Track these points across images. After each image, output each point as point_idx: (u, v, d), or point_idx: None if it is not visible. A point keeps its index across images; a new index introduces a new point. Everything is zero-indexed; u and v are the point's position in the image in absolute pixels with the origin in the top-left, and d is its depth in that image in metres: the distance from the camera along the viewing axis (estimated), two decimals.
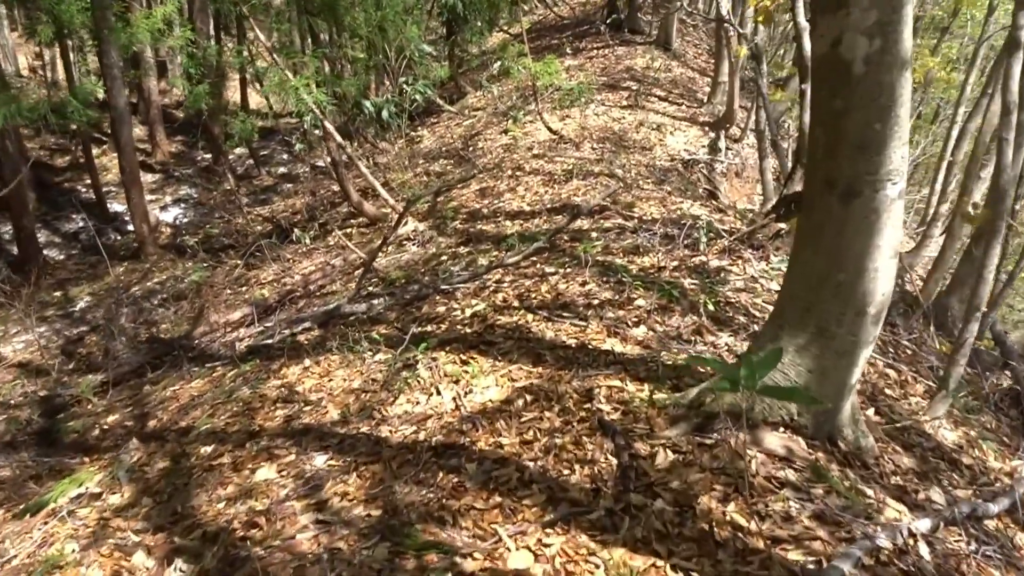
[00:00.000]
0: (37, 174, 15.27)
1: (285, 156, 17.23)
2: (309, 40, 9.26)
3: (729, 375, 2.18)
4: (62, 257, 13.65)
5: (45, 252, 13.03)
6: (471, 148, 11.38)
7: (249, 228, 12.17)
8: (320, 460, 3.25)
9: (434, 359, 4.06)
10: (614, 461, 2.74)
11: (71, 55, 14.23)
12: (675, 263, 5.05)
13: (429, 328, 4.66)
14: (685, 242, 5.41)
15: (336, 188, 12.69)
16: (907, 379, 4.28)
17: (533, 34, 17.58)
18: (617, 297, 4.50)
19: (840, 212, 2.64)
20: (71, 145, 17.08)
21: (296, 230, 9.22)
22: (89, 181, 14.97)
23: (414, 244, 7.59)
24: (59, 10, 10.96)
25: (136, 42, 11.33)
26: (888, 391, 3.99)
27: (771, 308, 4.53)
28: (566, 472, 2.71)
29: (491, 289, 5.10)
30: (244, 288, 8.98)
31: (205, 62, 11.85)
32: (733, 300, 4.53)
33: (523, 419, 3.16)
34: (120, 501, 3.48)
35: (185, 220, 14.80)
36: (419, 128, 14.41)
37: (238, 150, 17.14)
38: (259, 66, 7.54)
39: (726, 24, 10.00)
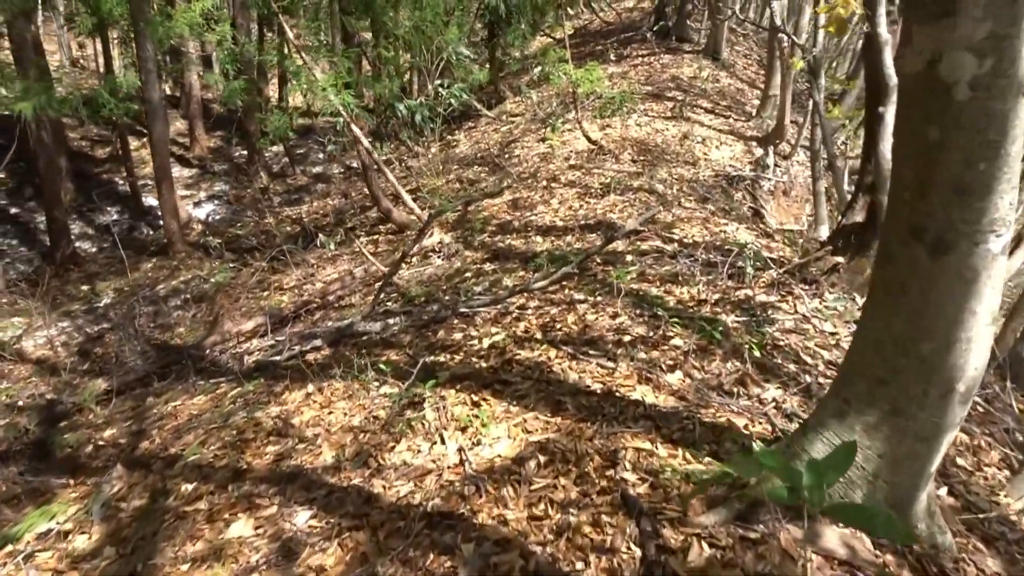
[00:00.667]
0: (76, 165, 15.29)
1: (321, 155, 17.04)
2: (341, 39, 8.96)
3: (787, 475, 1.72)
4: (94, 250, 13.59)
5: (77, 244, 12.97)
6: (506, 155, 10.98)
7: (278, 229, 11.93)
8: (302, 518, 2.85)
9: (443, 398, 3.64)
10: (637, 552, 2.29)
11: (112, 47, 14.17)
12: (717, 296, 4.57)
13: (442, 358, 4.25)
14: (729, 272, 4.92)
15: (367, 191, 12.46)
16: (980, 444, 3.74)
17: (577, 39, 17.14)
18: (651, 334, 4.04)
19: (929, 267, 2.15)
20: (112, 137, 17.12)
21: (320, 236, 8.90)
22: (126, 174, 14.94)
23: (439, 256, 7.20)
24: (98, 1, 10.85)
25: (174, 35, 11.16)
26: (960, 460, 3.46)
27: (824, 354, 4.03)
28: (579, 564, 2.27)
29: (513, 316, 4.68)
30: (265, 293, 8.69)
31: (242, 58, 11.65)
32: (782, 343, 4.04)
33: (534, 486, 2.72)
34: (85, 545, 3.13)
35: (218, 217, 14.67)
36: (456, 132, 14.07)
37: (275, 148, 17.02)
38: (292, 64, 7.24)
39: (779, 34, 9.44)
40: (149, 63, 10.95)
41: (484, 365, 3.98)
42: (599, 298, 4.68)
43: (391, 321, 5.26)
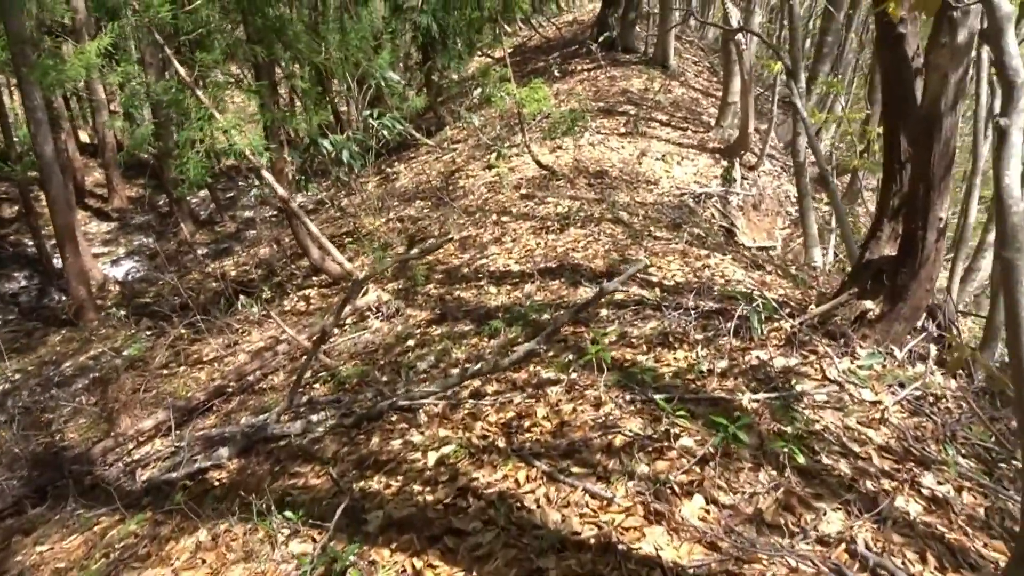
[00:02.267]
0: None
1: (253, 198, 15.80)
2: (253, 73, 7.89)
3: None
4: None
5: None
6: (450, 187, 9.97)
7: (202, 287, 10.71)
8: None
9: (372, 563, 2.57)
10: None
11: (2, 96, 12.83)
12: (723, 363, 3.59)
13: (375, 483, 3.18)
14: (730, 324, 3.95)
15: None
16: None
17: (517, 57, 16.27)
18: (651, 432, 3.04)
19: None
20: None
21: (242, 297, 7.75)
22: (32, 235, 13.51)
23: (377, 317, 6.13)
24: None
25: (67, 80, 9.91)
26: None
27: (874, 437, 3.08)
28: None
29: (467, 410, 3.63)
30: (181, 368, 7.49)
31: (151, 99, 10.43)
32: (818, 426, 3.07)
33: None
34: None
35: (138, 275, 13.30)
36: (395, 164, 13.03)
37: (203, 192, 15.74)
38: (187, 102, 6.16)
39: (736, 36, 8.64)
40: (39, 113, 9.69)
41: (431, 499, 2.91)
42: (575, 376, 3.67)
43: (314, 418, 4.17)
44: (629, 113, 10.87)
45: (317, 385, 5.04)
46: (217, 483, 3.94)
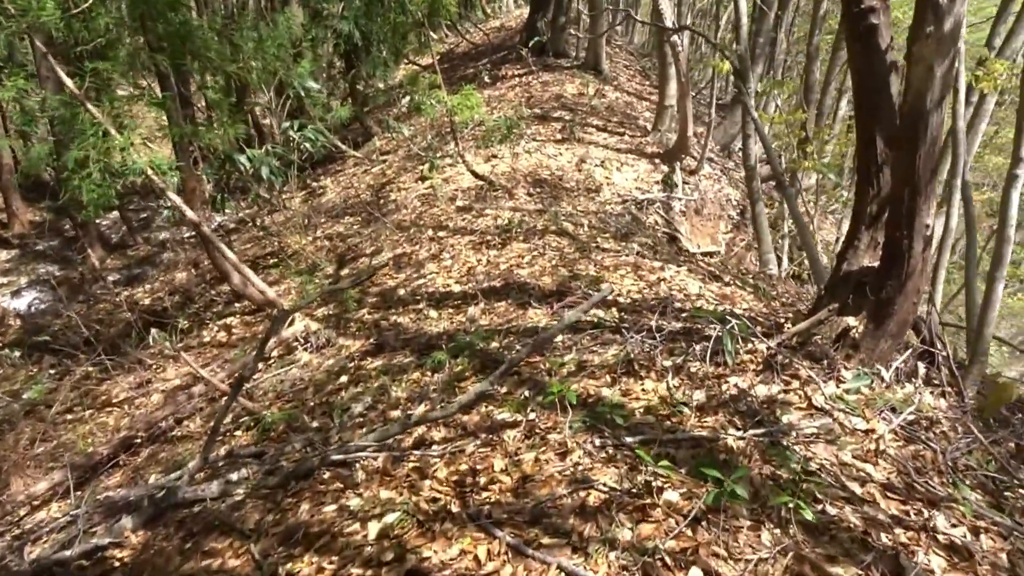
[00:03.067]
0: None
1: (166, 219, 14.82)
2: (159, 84, 7.21)
3: None
4: None
5: None
6: (381, 201, 9.44)
7: (113, 318, 9.85)
8: None
9: None
10: None
11: None
12: (699, 394, 3.21)
13: (303, 567, 2.66)
14: (698, 347, 3.58)
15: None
16: None
17: (445, 64, 15.81)
18: (629, 485, 2.62)
19: None
20: None
21: (153, 331, 7.03)
22: None
23: (306, 349, 5.56)
24: None
25: None
26: None
27: (873, 473, 2.74)
28: None
29: (412, 464, 3.13)
30: (88, 413, 6.73)
31: (46, 115, 9.53)
32: (814, 466, 2.71)
33: None
34: None
35: (42, 307, 12.23)
36: (321, 178, 12.39)
37: (114, 213, 14.68)
38: (75, 117, 5.47)
39: (673, 37, 8.37)
40: None
41: None
42: (534, 416, 3.22)
43: (234, 477, 3.60)
44: (564, 119, 10.54)
45: (238, 433, 4.45)
46: (118, 563, 3.33)
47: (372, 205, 9.29)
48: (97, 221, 14.40)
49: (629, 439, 2.86)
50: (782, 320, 3.90)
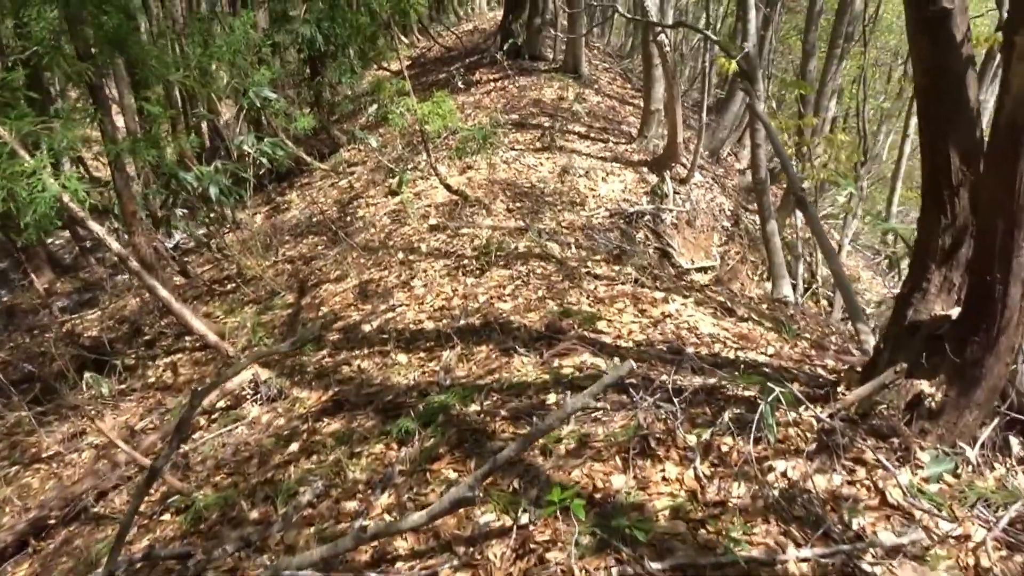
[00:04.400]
0: None
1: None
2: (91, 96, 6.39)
3: None
4: None
5: None
6: (348, 218, 8.67)
7: (58, 350, 8.96)
8: None
9: None
10: None
11: None
12: (738, 486, 2.50)
13: None
14: (727, 414, 2.87)
15: (180, 280, 9.72)
16: None
17: (416, 69, 15.06)
18: None
19: None
20: None
21: (87, 375, 6.22)
22: None
23: (255, 401, 4.78)
24: None
25: None
26: None
27: None
28: None
29: None
30: (13, 470, 5.89)
31: None
32: None
33: None
34: None
35: None
36: (286, 192, 11.56)
37: (67, 232, 13.73)
38: None
39: (657, 32, 7.68)
40: None
41: None
42: (526, 521, 2.49)
43: None
44: (544, 126, 9.84)
45: (166, 517, 3.68)
46: None
47: (338, 223, 8.52)
48: (49, 240, 13.52)
49: (656, 566, 2.14)
50: (817, 367, 3.21)
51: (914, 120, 10.19)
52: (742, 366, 3.48)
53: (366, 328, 5.41)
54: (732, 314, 4.56)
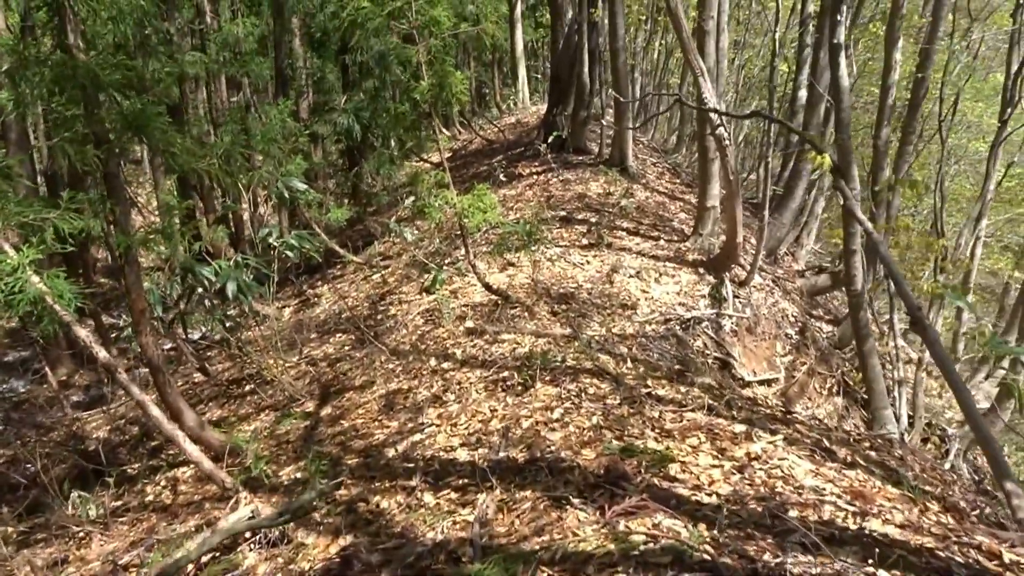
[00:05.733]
0: None
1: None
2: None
3: None
4: None
5: None
6: (378, 316, 8.05)
7: (54, 455, 8.33)
8: None
9: None
10: None
11: None
12: None
13: None
14: None
15: (199, 377, 9.13)
16: None
17: (457, 161, 14.78)
18: None
19: None
20: None
21: (74, 494, 5.54)
22: None
23: (252, 547, 4.00)
24: None
25: None
26: None
27: None
28: None
29: None
30: None
31: None
32: None
33: None
34: None
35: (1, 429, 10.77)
36: (318, 284, 11.07)
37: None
38: None
39: (716, 124, 7.11)
40: None
41: None
42: None
43: None
44: (590, 221, 9.25)
45: None
46: None
47: (368, 321, 7.90)
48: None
49: None
50: (968, 547, 2.36)
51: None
52: (870, 543, 2.64)
53: (389, 453, 4.66)
54: (832, 456, 3.71)
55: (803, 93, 10.30)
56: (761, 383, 7.47)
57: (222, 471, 4.56)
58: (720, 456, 3.60)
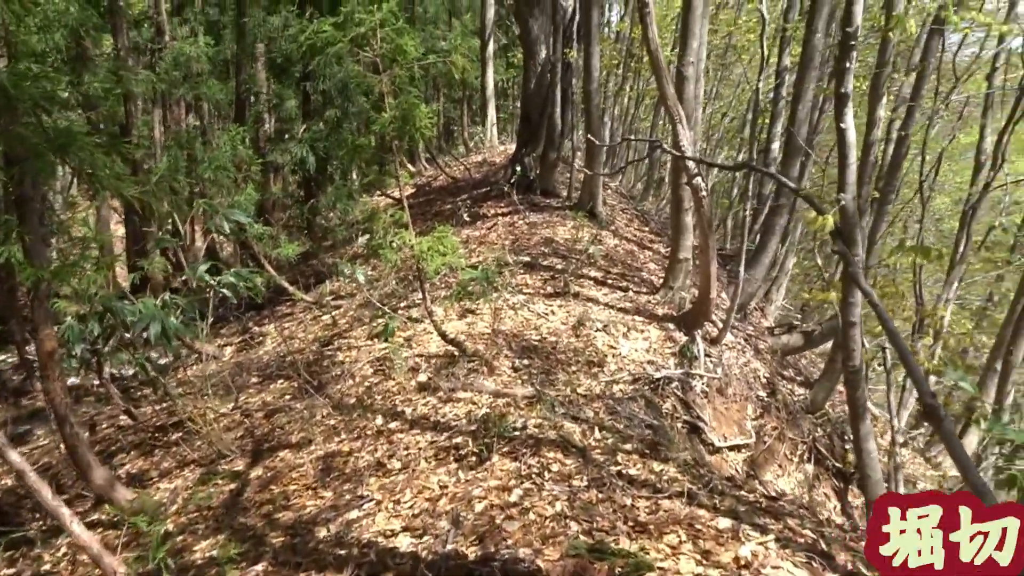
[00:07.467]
0: None
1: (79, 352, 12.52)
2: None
3: None
4: None
5: None
6: (324, 363, 7.42)
7: None
8: None
9: None
10: None
11: None
12: None
13: None
14: None
15: (125, 420, 8.32)
16: None
17: (419, 198, 14.27)
18: None
19: None
20: None
21: None
22: None
23: None
24: None
25: None
26: None
27: None
28: None
29: None
30: None
31: None
32: None
33: None
34: None
35: None
36: (265, 322, 10.35)
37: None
38: None
39: (694, 174, 6.72)
40: None
41: None
42: None
43: None
44: (556, 268, 8.78)
45: None
46: None
47: (313, 367, 7.25)
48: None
49: None
50: None
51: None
52: None
53: (320, 533, 4.03)
54: (831, 563, 3.20)
55: (776, 145, 10.07)
56: (732, 448, 7.03)
57: (116, 557, 3.88)
58: (705, 561, 3.07)
